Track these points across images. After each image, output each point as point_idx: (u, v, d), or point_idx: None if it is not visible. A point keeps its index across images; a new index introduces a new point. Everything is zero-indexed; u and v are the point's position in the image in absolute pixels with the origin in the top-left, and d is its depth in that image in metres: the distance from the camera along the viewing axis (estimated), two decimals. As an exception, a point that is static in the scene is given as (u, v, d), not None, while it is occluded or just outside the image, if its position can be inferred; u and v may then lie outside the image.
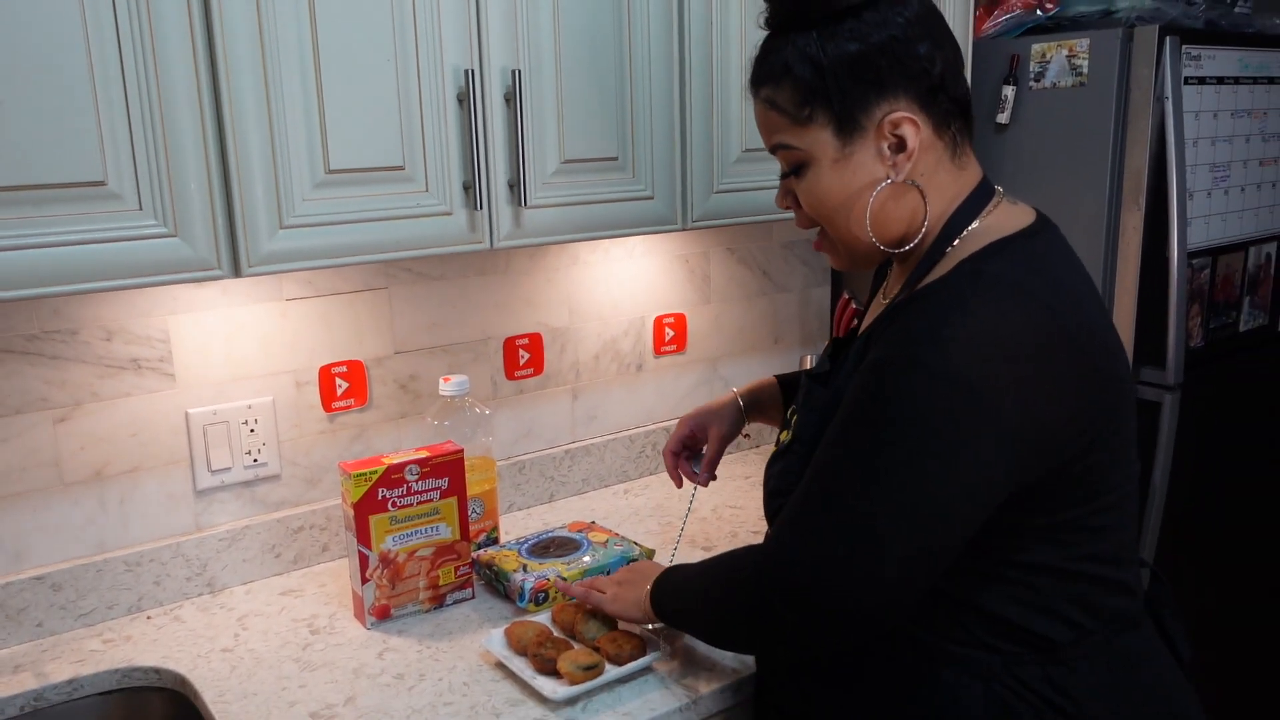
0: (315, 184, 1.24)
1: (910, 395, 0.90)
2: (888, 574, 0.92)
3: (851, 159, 1.01)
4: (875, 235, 1.04)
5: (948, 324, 0.91)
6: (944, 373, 0.89)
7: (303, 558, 1.64)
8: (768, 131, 1.06)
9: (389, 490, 1.39)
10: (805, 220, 1.09)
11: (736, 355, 2.15)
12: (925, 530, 0.92)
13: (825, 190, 1.03)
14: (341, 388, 1.64)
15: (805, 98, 1.01)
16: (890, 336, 0.94)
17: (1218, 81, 1.84)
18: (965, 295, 0.93)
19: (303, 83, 1.21)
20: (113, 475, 1.48)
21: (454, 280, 1.74)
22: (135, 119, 1.11)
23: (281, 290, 1.57)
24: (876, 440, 0.92)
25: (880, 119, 1.00)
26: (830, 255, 1.12)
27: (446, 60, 1.31)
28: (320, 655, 1.36)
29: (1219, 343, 1.98)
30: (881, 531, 0.91)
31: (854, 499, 0.92)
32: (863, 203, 1.02)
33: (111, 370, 1.45)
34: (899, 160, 1.01)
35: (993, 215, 1.03)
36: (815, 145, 1.02)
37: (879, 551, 0.92)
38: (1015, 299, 0.93)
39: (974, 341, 0.90)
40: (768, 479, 1.12)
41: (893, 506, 0.91)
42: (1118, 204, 1.79)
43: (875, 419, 0.92)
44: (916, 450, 0.90)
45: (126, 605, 1.49)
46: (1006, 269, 0.96)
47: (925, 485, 0.90)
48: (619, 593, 1.27)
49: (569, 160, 1.45)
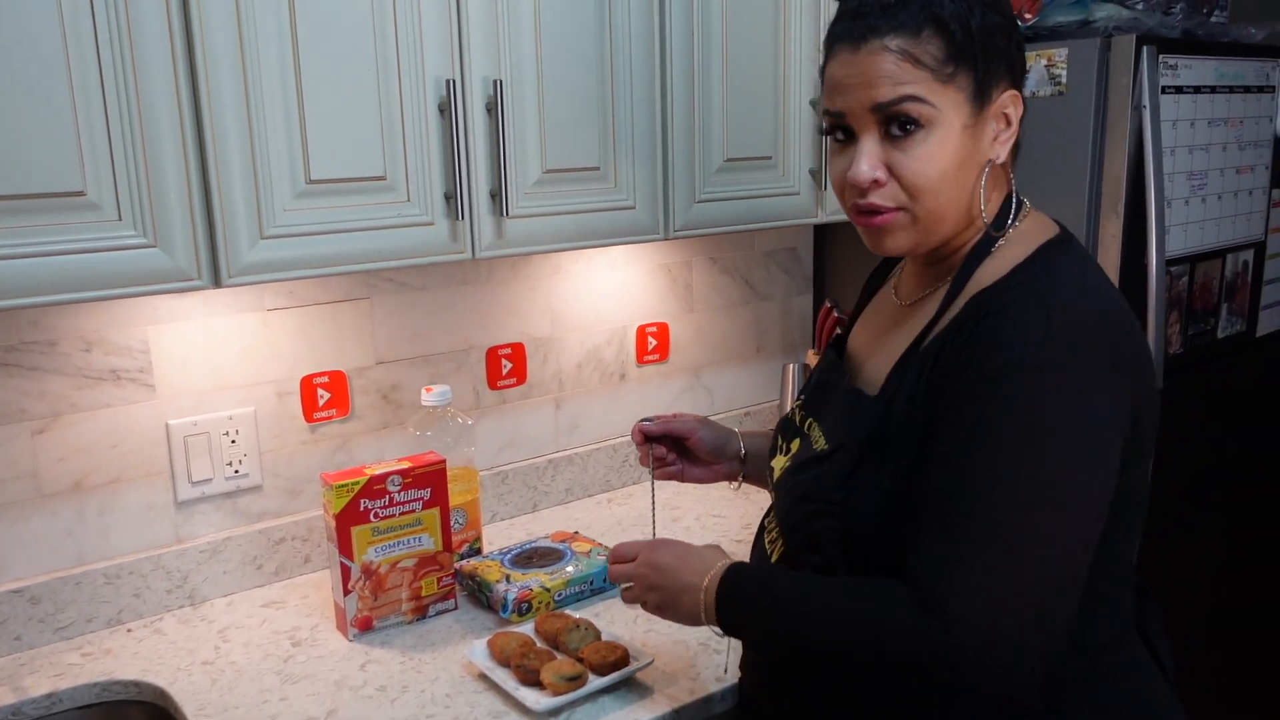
0: (296, 194, 1.24)
1: (1044, 398, 0.89)
2: (1066, 607, 0.91)
3: (978, 130, 0.98)
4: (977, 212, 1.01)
5: (1053, 323, 0.90)
6: (1071, 369, 0.89)
7: (284, 569, 1.63)
8: (892, 84, 0.95)
9: (371, 501, 1.39)
10: (889, 196, 0.98)
11: (719, 364, 2.15)
12: (1084, 544, 0.91)
13: (949, 156, 0.96)
14: (323, 398, 1.64)
15: (952, 55, 0.95)
16: (986, 344, 0.91)
17: (1195, 90, 1.87)
18: (1054, 295, 0.93)
19: (283, 92, 1.21)
20: (92, 487, 1.47)
21: (436, 290, 1.74)
22: (114, 128, 1.11)
23: (262, 300, 1.57)
24: (1033, 454, 0.88)
25: (1000, 95, 0.99)
26: (891, 234, 1.01)
27: (428, 70, 1.31)
28: (302, 667, 1.36)
29: (1198, 349, 2.00)
30: (1059, 567, 0.89)
31: (1027, 533, 0.88)
32: (973, 179, 1.00)
33: (91, 381, 1.45)
34: (1002, 140, 1.00)
35: (1028, 220, 1.04)
36: (951, 106, 0.96)
37: (1060, 586, 0.90)
38: (1099, 300, 0.95)
39: (1082, 339, 0.90)
40: (794, 484, 1.06)
41: (1062, 528, 0.89)
42: (1097, 212, 1.81)
43: (1020, 432, 0.89)
44: (1070, 456, 0.89)
45: (106, 618, 1.48)
46: (1076, 272, 0.97)
47: (1079, 494, 0.90)
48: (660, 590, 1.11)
49: (551, 170, 1.45)
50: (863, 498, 0.99)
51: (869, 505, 0.98)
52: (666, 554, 1.12)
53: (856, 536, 0.99)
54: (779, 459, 1.17)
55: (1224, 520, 2.17)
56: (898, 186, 0.98)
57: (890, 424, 0.98)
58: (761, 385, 2.22)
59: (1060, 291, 0.93)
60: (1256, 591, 2.32)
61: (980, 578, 0.88)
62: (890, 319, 1.13)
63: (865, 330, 1.18)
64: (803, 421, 1.15)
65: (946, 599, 0.89)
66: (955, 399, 0.92)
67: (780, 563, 1.11)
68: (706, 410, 2.14)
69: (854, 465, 1.00)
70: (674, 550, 1.12)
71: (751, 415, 2.20)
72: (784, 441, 1.18)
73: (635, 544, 1.16)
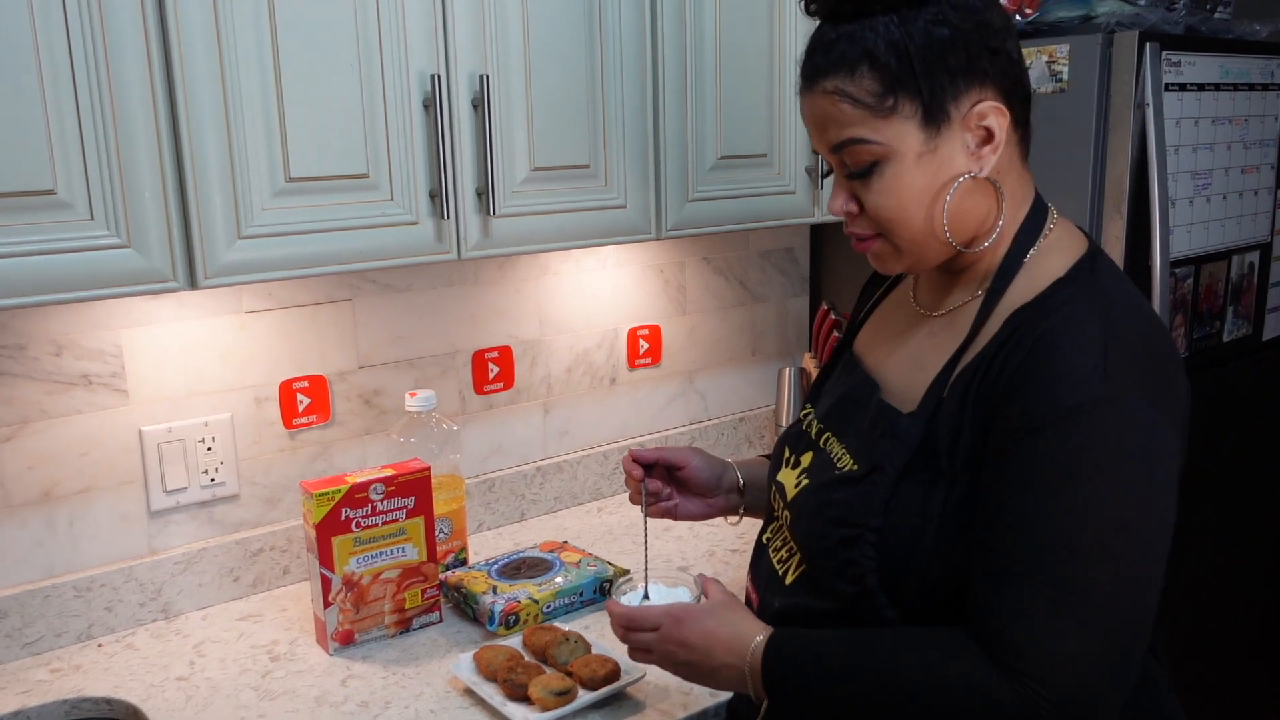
0: (275, 192, 1.24)
1: (1109, 437, 0.88)
2: (1142, 648, 0.91)
3: (937, 152, 0.97)
4: (951, 233, 1.00)
5: (1110, 354, 0.89)
6: (1134, 403, 0.89)
7: (262, 581, 1.62)
8: (836, 127, 0.99)
9: (353, 510, 1.38)
10: (866, 225, 1.02)
11: (713, 367, 2.15)
12: (1159, 580, 0.91)
13: (906, 187, 0.98)
14: (303, 403, 1.63)
15: (889, 87, 0.95)
16: (1040, 379, 0.90)
17: (1198, 88, 1.87)
18: (1107, 319, 0.92)
19: (262, 87, 1.21)
20: (62, 496, 1.46)
21: (420, 291, 1.73)
22: (86, 123, 1.10)
23: (240, 303, 1.56)
24: (1101, 497, 0.88)
25: (969, 109, 0.97)
26: (881, 260, 1.04)
27: (412, 65, 1.31)
28: (280, 683, 1.35)
29: (1203, 353, 2.00)
30: (1139, 611, 0.90)
31: (1108, 580, 0.88)
32: (942, 200, 0.99)
33: (61, 386, 1.43)
34: (984, 153, 0.98)
35: (1057, 230, 1.03)
36: (898, 139, 0.96)
37: (1140, 631, 0.90)
38: (1148, 320, 0.95)
39: (1140, 367, 0.90)
40: (821, 505, 1.04)
41: (1140, 569, 0.89)
42: (1099, 212, 1.81)
43: (1087, 473, 0.88)
44: (1139, 495, 0.89)
45: (76, 632, 1.47)
46: (1120, 290, 0.97)
47: (1153, 531, 0.90)
48: (690, 667, 1.08)
49: (539, 168, 1.45)
50: (903, 523, 0.97)
51: (909, 531, 0.97)
52: (694, 630, 1.07)
53: (895, 564, 0.97)
54: (787, 473, 1.15)
55: (1228, 527, 2.17)
56: (869, 218, 1.01)
57: (934, 448, 0.97)
58: (757, 390, 2.22)
59: (1113, 315, 0.93)
60: (1261, 600, 2.32)
61: (1056, 627, 0.88)
62: (910, 327, 1.11)
63: (879, 337, 1.16)
64: (819, 435, 1.12)
65: (1020, 651, 0.88)
66: (1012, 438, 0.91)
67: (800, 583, 1.08)
68: (700, 416, 2.14)
69: (892, 489, 0.98)
70: (701, 625, 1.07)
71: (746, 421, 2.19)
72: (793, 454, 1.16)
73: (650, 612, 1.10)
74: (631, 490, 1.32)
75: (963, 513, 0.95)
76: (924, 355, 1.05)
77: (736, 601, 1.10)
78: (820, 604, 1.05)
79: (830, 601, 1.03)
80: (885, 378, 1.09)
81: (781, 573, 1.11)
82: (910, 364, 1.06)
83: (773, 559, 1.15)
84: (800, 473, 1.12)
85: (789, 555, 1.11)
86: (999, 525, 0.91)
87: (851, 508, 1.00)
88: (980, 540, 0.92)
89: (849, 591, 1.00)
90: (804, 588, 1.07)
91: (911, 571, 0.97)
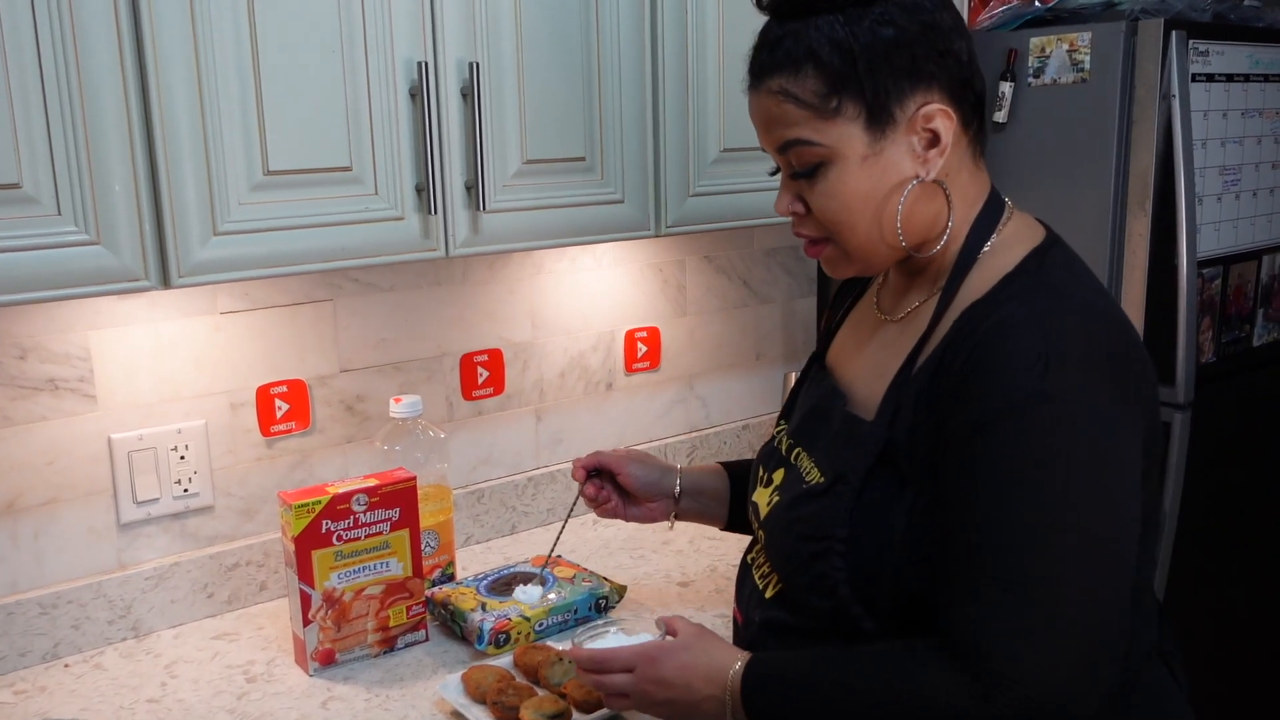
0: (253, 186, 1.24)
1: (1057, 431, 0.90)
2: (1120, 650, 0.92)
3: (882, 155, 1.00)
4: (903, 237, 1.03)
5: (1052, 350, 0.91)
6: (1080, 398, 0.90)
7: (238, 598, 1.62)
8: (780, 127, 1.02)
9: (334, 522, 1.38)
10: (813, 227, 1.06)
11: (715, 372, 2.15)
12: (1127, 578, 0.93)
13: (851, 192, 1.01)
14: (281, 410, 1.63)
15: (833, 87, 0.98)
16: (985, 377, 0.93)
17: (1227, 79, 1.88)
18: (1048, 314, 0.94)
19: (239, 75, 1.21)
20: (27, 508, 1.45)
21: (405, 291, 1.73)
22: (54, 113, 1.10)
23: (215, 303, 1.56)
24: (1056, 492, 0.90)
25: (914, 111, 1.00)
26: (831, 264, 1.09)
27: (398, 52, 1.31)
28: (257, 705, 1.34)
29: (1231, 358, 2.01)
30: (1109, 612, 0.91)
31: (1071, 581, 0.90)
32: (892, 204, 1.02)
33: (25, 391, 1.43)
34: (930, 156, 1.01)
35: (1011, 224, 1.06)
36: (841, 141, 1.00)
37: (1115, 633, 0.91)
38: (1094, 312, 0.96)
39: (1085, 361, 0.92)
40: (790, 522, 1.07)
41: (1104, 568, 0.91)
42: (1123, 209, 1.82)
43: (1037, 471, 0.91)
44: (1094, 488, 0.91)
45: (41, 652, 1.46)
46: (1067, 281, 0.99)
47: (1113, 528, 0.92)
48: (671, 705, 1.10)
49: (532, 160, 1.45)
50: (870, 533, 1.00)
51: (878, 540, 0.99)
52: (670, 666, 1.08)
53: (867, 574, 1.00)
54: (761, 492, 1.18)
55: (1258, 540, 2.17)
56: (815, 220, 1.05)
57: (894, 454, 1.00)
58: (760, 396, 2.22)
59: (1054, 308, 0.95)
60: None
61: (1025, 632, 0.90)
62: (874, 334, 1.15)
63: (847, 346, 1.20)
64: (789, 451, 1.15)
65: (985, 653, 0.90)
66: (960, 438, 0.94)
67: (777, 601, 1.11)
68: (701, 423, 2.14)
69: (855, 498, 1.01)
70: (677, 659, 1.09)
71: (749, 429, 2.19)
72: (766, 472, 1.19)
73: (620, 653, 1.12)
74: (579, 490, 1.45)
75: (929, 517, 0.97)
76: (884, 360, 1.08)
77: (707, 631, 1.13)
78: (799, 621, 1.08)
79: (807, 619, 1.06)
80: (851, 387, 1.12)
81: (762, 588, 1.15)
82: (873, 371, 1.10)
83: (755, 577, 1.18)
84: (773, 490, 1.15)
85: (770, 572, 1.14)
86: (955, 526, 0.94)
87: (818, 521, 1.03)
88: (943, 549, 0.95)
89: (824, 606, 1.03)
90: (782, 605, 1.11)
91: (884, 580, 0.99)
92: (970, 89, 1.03)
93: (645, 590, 1.65)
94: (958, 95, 1.01)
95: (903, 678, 0.95)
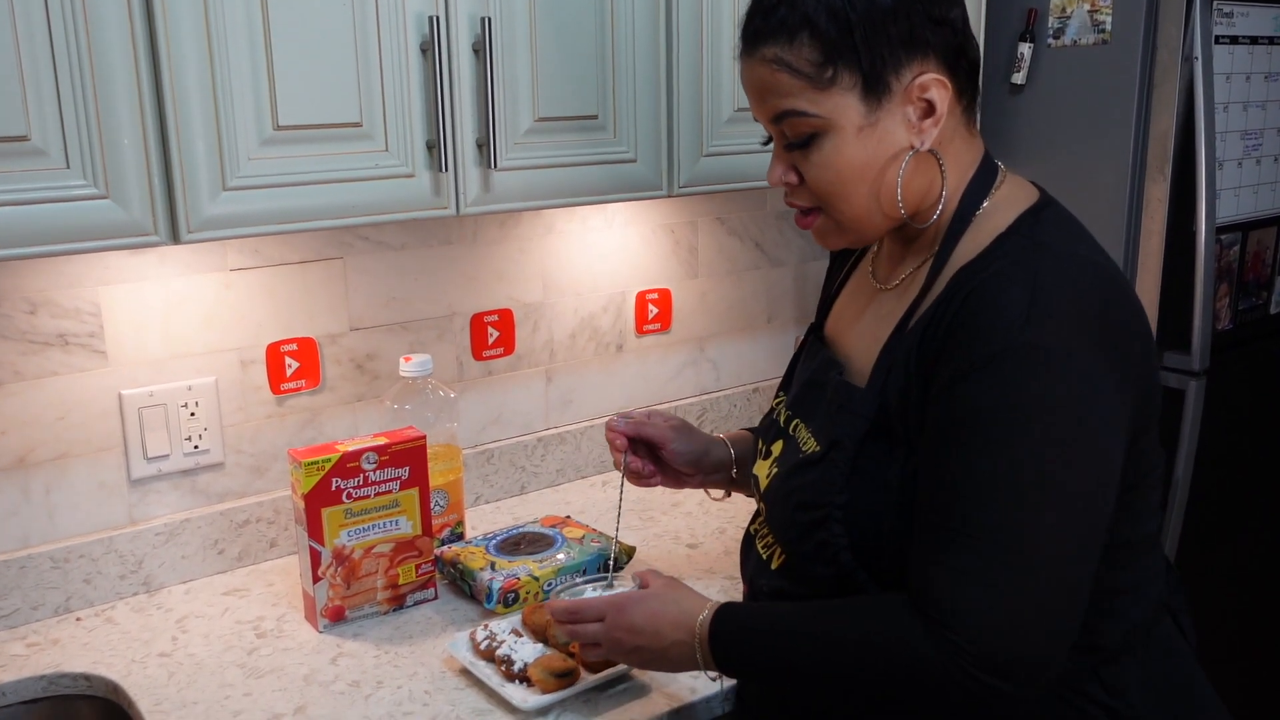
0: (262, 141, 1.23)
1: (1032, 384, 0.90)
2: (1080, 606, 0.93)
3: (877, 126, 1.00)
4: (898, 206, 1.03)
5: (1037, 302, 0.91)
6: (1060, 350, 0.90)
7: (248, 554, 1.63)
8: (774, 96, 1.02)
9: (344, 480, 1.38)
10: (806, 197, 1.06)
11: (726, 335, 2.14)
12: (1096, 536, 0.93)
13: (847, 162, 1.01)
14: (291, 367, 1.63)
15: (828, 57, 0.98)
16: (966, 331, 0.93)
17: (1251, 41, 1.85)
18: (1038, 269, 0.94)
19: (249, 28, 1.19)
20: (38, 463, 1.46)
21: (416, 250, 1.72)
22: (62, 66, 1.09)
23: (225, 259, 1.55)
24: (1027, 447, 0.90)
25: (910, 81, 0.99)
26: (824, 235, 1.08)
27: (409, 6, 1.29)
28: (267, 661, 1.35)
29: (1248, 325, 1.99)
30: (1072, 567, 0.92)
31: (1034, 533, 0.90)
32: (890, 175, 1.01)
33: (36, 347, 1.43)
34: (925, 126, 1.01)
35: (1004, 187, 1.06)
36: (837, 111, 0.99)
37: (1074, 587, 0.92)
38: (1086, 268, 0.95)
39: (1070, 315, 0.91)
40: (788, 492, 1.08)
41: (1071, 523, 0.91)
42: (1141, 173, 1.80)
43: (1010, 424, 0.91)
44: (1067, 444, 0.90)
45: (53, 605, 1.48)
46: (1060, 238, 0.98)
47: (1085, 483, 0.92)
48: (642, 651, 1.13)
49: (543, 118, 1.44)
50: (867, 498, 1.00)
51: (875, 505, 1.00)
52: (639, 613, 1.12)
53: (868, 540, 1.00)
54: (761, 464, 1.18)
55: (1271, 504, 2.17)
56: (809, 190, 1.05)
57: (887, 418, 1.00)
58: (771, 359, 2.22)
59: (1043, 264, 0.94)
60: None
61: (989, 589, 0.90)
62: (869, 303, 1.14)
63: (844, 315, 1.20)
64: (788, 422, 1.15)
65: (955, 615, 0.91)
66: (940, 395, 0.94)
67: (782, 572, 1.12)
68: (711, 386, 2.14)
69: (851, 463, 1.01)
70: (646, 606, 1.13)
71: (760, 392, 2.19)
72: (765, 444, 1.19)
73: (593, 603, 1.16)
74: (615, 460, 1.39)
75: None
76: (879, 329, 1.08)
77: (677, 582, 1.16)
78: (805, 590, 1.08)
79: (813, 588, 1.07)
80: (847, 357, 1.13)
81: (767, 558, 1.16)
82: (869, 339, 1.09)
83: (759, 548, 1.19)
84: (772, 463, 1.15)
85: (773, 543, 1.15)
86: (927, 480, 0.95)
87: (815, 489, 1.03)
88: (917, 498, 0.96)
89: (828, 574, 1.04)
90: (788, 576, 1.12)
91: (884, 544, 1.00)
92: (965, 57, 1.02)
93: (654, 551, 1.65)
94: (952, 64, 1.01)
95: (867, 627, 0.97)
